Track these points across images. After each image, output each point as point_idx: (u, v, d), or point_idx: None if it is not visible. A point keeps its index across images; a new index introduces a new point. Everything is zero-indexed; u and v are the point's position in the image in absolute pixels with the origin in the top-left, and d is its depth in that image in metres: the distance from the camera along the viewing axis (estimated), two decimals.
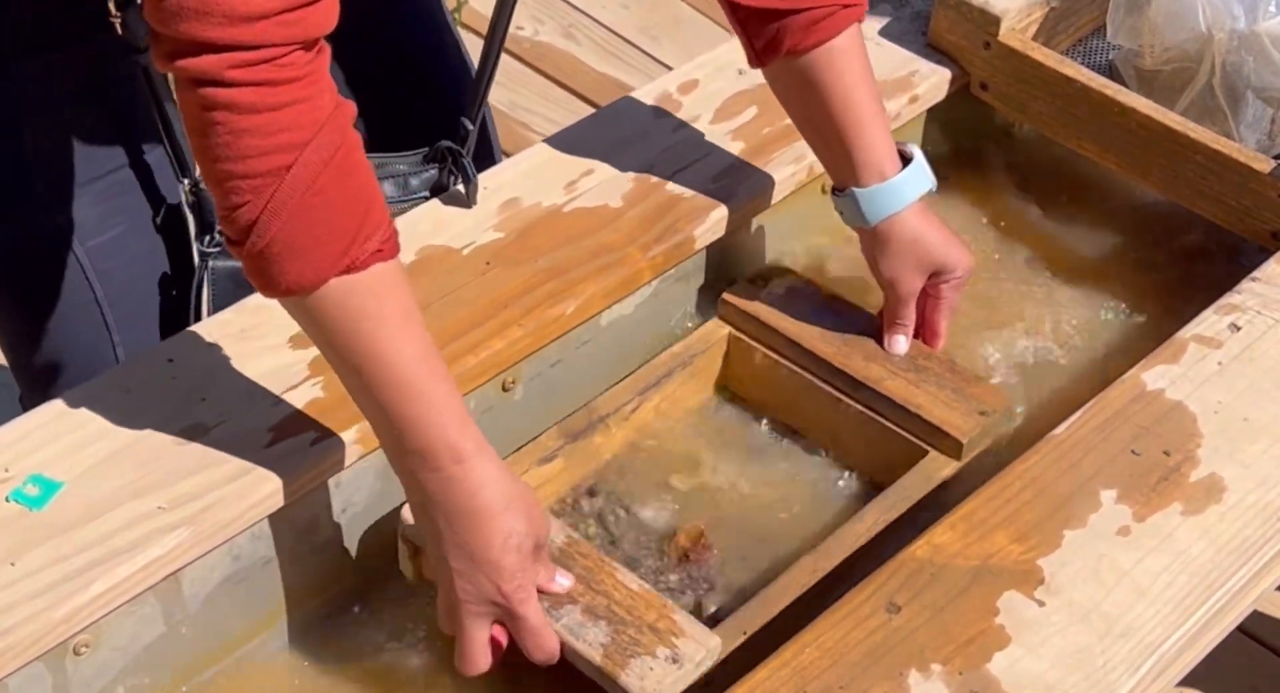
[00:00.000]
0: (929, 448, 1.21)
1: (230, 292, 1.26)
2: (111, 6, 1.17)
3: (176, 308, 1.30)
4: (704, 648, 1.05)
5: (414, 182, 1.35)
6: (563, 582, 1.08)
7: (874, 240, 1.24)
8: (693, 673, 1.05)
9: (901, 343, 1.26)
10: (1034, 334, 1.35)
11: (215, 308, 1.27)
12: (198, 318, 1.28)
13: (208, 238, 1.27)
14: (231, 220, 0.97)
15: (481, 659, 1.06)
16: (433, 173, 1.35)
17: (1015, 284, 1.39)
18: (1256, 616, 1.92)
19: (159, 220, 1.29)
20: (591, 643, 1.05)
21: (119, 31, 1.18)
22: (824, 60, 1.20)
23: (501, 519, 1.02)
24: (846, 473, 1.25)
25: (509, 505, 1.02)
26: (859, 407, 1.24)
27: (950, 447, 1.20)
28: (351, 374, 1.02)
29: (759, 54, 1.21)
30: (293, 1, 0.93)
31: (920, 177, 1.24)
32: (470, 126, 1.32)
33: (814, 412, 1.26)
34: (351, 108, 0.99)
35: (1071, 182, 1.48)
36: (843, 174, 1.24)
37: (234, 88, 0.93)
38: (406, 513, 1.08)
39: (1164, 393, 1.16)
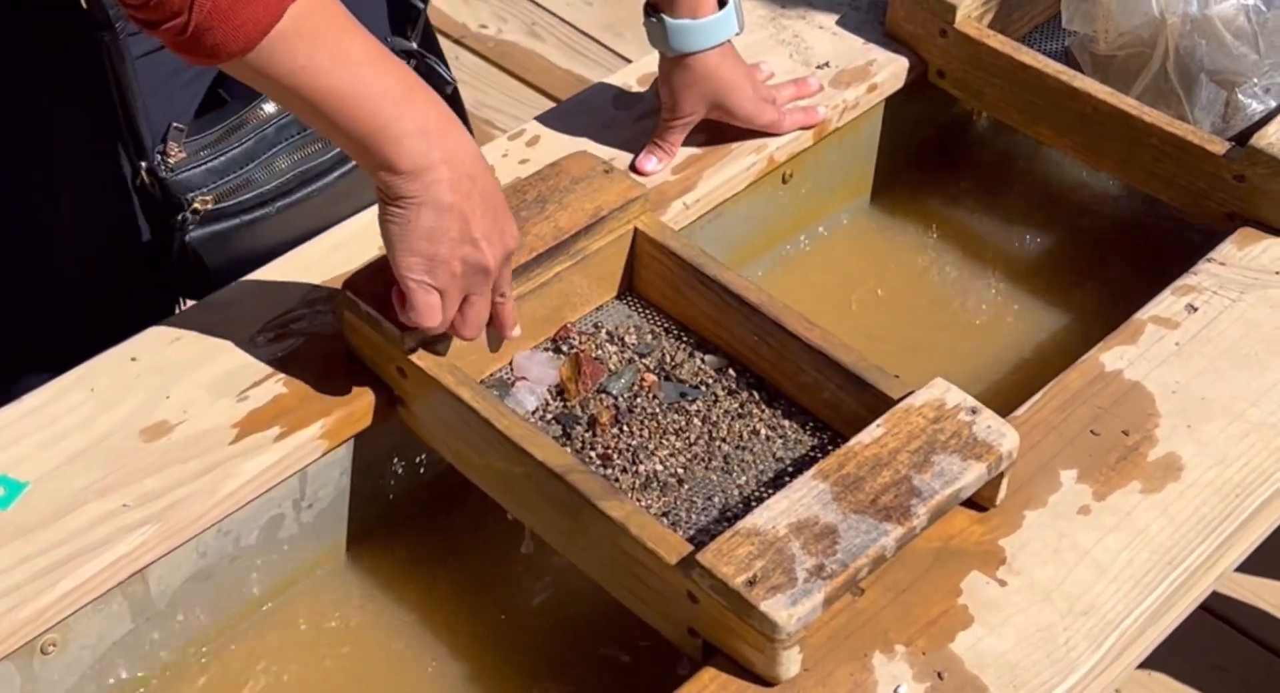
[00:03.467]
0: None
1: (219, 249, 1.25)
2: None
3: (161, 278, 1.29)
4: None
5: None
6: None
7: (669, 66, 1.29)
8: None
9: (653, 163, 1.30)
10: (993, 315, 1.36)
11: (214, 270, 1.26)
12: (191, 288, 1.27)
13: (180, 217, 1.24)
14: None
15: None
16: None
17: (975, 267, 1.40)
18: (1219, 594, 1.94)
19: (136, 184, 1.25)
20: None
21: (83, 5, 1.14)
22: None
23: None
24: None
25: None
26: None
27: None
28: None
29: None
30: None
31: (729, 22, 1.27)
32: (420, 4, 1.30)
33: None
34: None
35: (1028, 167, 1.49)
36: None
37: None
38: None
39: (1122, 373, 1.17)
